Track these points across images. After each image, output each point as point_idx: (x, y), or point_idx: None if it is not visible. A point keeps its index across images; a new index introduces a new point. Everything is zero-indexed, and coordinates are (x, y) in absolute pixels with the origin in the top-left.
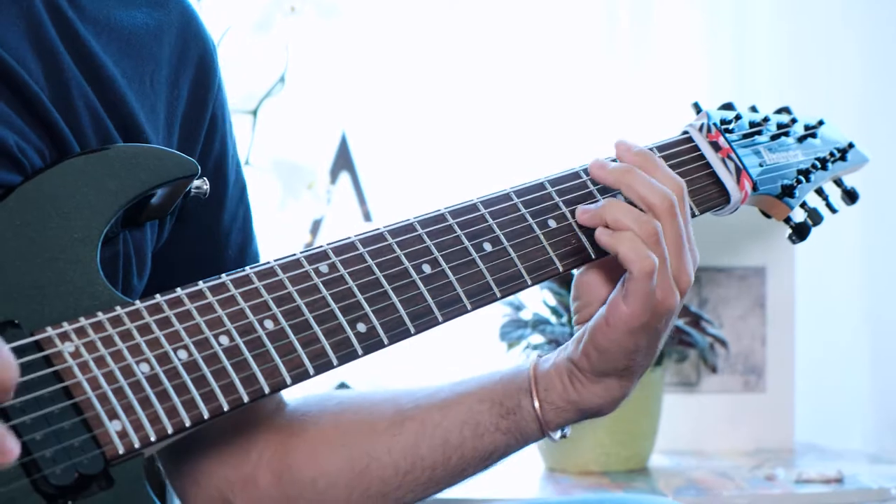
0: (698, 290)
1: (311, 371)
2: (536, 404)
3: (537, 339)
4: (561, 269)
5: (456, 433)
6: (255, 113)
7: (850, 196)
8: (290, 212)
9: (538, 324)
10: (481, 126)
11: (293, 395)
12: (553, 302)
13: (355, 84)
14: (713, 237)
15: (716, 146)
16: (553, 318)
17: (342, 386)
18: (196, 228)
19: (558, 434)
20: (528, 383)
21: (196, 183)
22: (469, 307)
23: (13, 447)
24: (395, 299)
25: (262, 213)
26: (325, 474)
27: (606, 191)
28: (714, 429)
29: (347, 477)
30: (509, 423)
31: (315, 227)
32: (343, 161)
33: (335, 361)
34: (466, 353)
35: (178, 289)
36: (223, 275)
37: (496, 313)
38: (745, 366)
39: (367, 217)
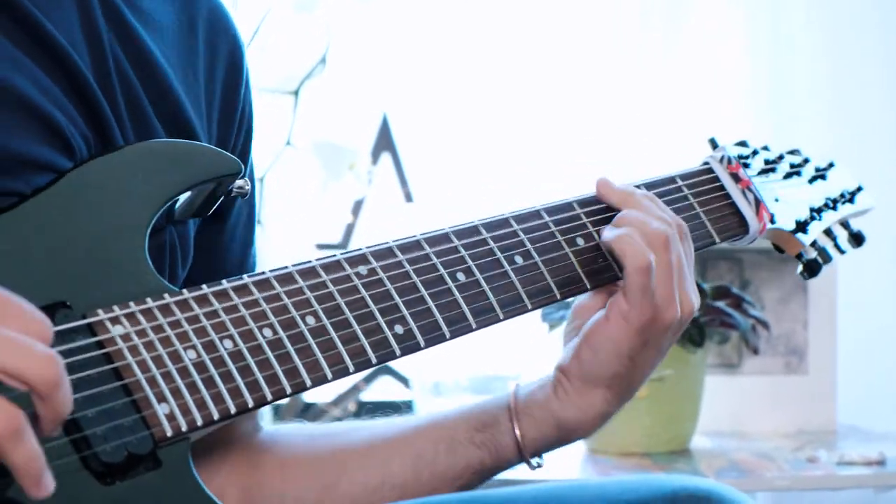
0: (740, 272)
1: (352, 368)
2: (514, 417)
3: None
4: (589, 286)
5: (429, 449)
6: (296, 94)
7: (856, 239)
8: (331, 193)
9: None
10: (520, 107)
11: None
12: None
13: (396, 65)
14: None
15: (736, 178)
16: None
17: (384, 367)
18: (210, 222)
19: (535, 461)
20: (506, 400)
21: (238, 183)
22: (501, 317)
23: (48, 488)
24: (431, 304)
25: (304, 194)
26: (292, 491)
27: None
28: (756, 410)
29: (316, 493)
30: (484, 436)
31: (356, 208)
32: (384, 142)
33: (374, 360)
34: (508, 334)
35: (224, 281)
36: (266, 271)
37: None
38: (786, 347)
39: (409, 198)
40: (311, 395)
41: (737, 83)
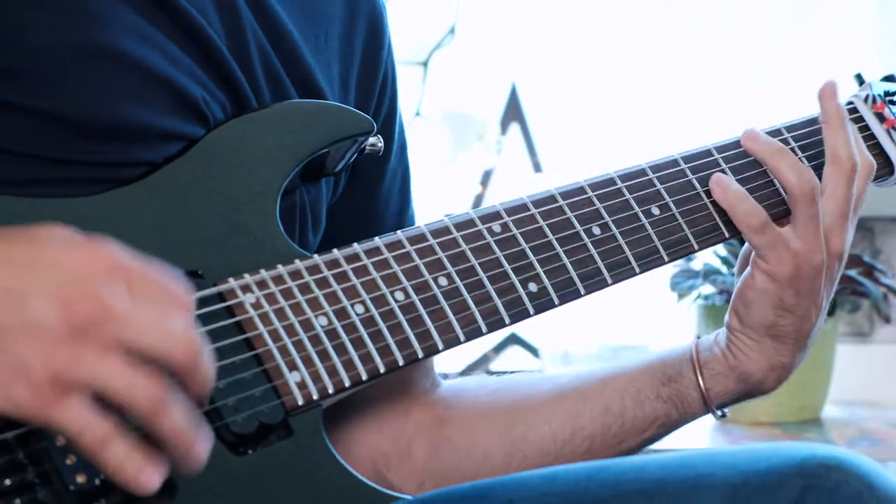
0: (871, 239)
1: (484, 329)
2: (698, 371)
3: (708, 289)
4: (727, 234)
5: (617, 401)
6: (425, 65)
7: None
8: (460, 163)
9: (709, 274)
10: (651, 77)
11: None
12: (724, 252)
13: (525, 35)
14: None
15: (881, 117)
16: (724, 269)
17: (513, 337)
18: (361, 187)
19: (720, 412)
20: (689, 353)
21: (371, 140)
22: (637, 270)
23: (202, 455)
24: (565, 260)
25: (433, 165)
26: (481, 445)
27: None
28: (888, 379)
29: (504, 447)
30: (670, 390)
31: (485, 179)
32: (513, 112)
33: (507, 320)
34: (637, 303)
35: (356, 244)
36: (398, 231)
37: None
38: None
39: (537, 168)
40: (440, 366)
41: (869, 44)
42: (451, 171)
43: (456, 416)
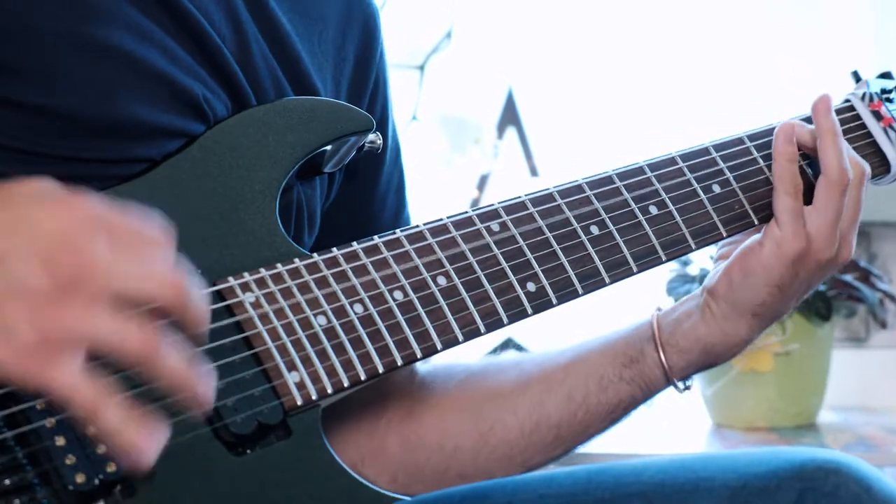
0: (867, 245)
1: (483, 329)
2: (660, 348)
3: None
4: (725, 234)
5: (580, 387)
6: (422, 68)
7: None
8: (457, 167)
9: (705, 279)
10: (648, 81)
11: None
12: None
13: (522, 38)
14: (882, 192)
15: (878, 115)
16: None
17: (508, 342)
18: (358, 190)
19: (682, 385)
20: (650, 331)
21: (370, 137)
22: (635, 269)
23: (208, 393)
24: (563, 259)
25: (430, 169)
26: (451, 437)
27: (770, 157)
28: (883, 385)
29: (473, 439)
30: (633, 371)
31: (482, 183)
32: (510, 116)
33: (506, 320)
34: (633, 308)
35: (355, 243)
36: (397, 230)
37: (663, 268)
38: None
39: (534, 172)
40: None
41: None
42: (447, 174)
43: (426, 411)
